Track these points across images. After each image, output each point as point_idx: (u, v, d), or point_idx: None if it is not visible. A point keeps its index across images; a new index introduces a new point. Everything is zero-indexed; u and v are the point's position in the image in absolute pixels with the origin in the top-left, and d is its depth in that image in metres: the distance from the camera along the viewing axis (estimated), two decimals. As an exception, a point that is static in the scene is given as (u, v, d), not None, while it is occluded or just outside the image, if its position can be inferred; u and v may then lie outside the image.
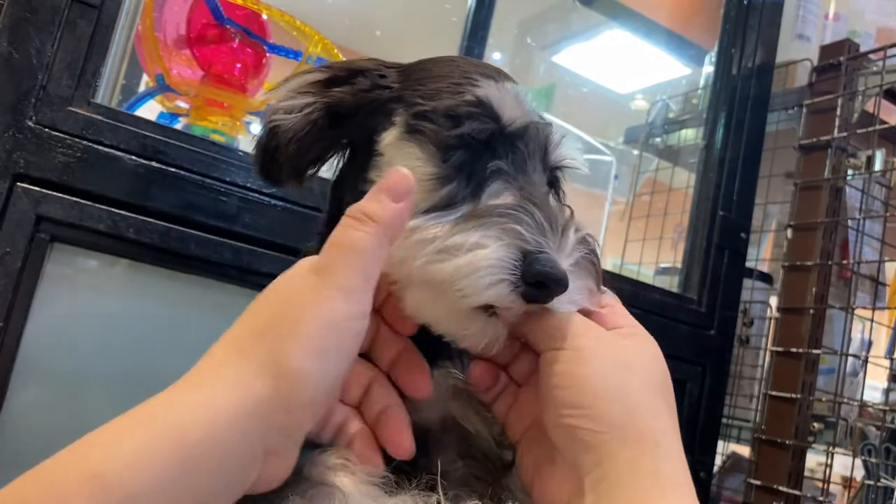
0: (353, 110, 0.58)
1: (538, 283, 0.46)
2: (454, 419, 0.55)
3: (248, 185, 0.87)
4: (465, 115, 0.52)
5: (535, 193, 0.50)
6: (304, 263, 0.47)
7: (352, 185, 0.57)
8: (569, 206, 0.59)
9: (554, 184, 0.59)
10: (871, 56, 1.36)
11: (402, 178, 0.49)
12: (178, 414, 0.40)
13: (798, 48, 1.59)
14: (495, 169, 0.52)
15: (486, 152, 0.52)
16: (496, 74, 0.56)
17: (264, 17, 1.14)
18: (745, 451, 1.48)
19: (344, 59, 1.17)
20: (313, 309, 0.44)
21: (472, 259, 0.46)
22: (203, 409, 0.40)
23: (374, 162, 0.55)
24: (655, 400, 0.48)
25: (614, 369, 0.48)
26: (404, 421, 0.51)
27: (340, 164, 0.62)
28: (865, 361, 1.30)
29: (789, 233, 1.39)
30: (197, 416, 0.40)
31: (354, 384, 0.52)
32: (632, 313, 0.54)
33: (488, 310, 0.47)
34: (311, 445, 0.48)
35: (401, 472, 0.50)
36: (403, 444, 0.50)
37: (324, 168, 0.62)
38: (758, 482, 1.29)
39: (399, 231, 0.48)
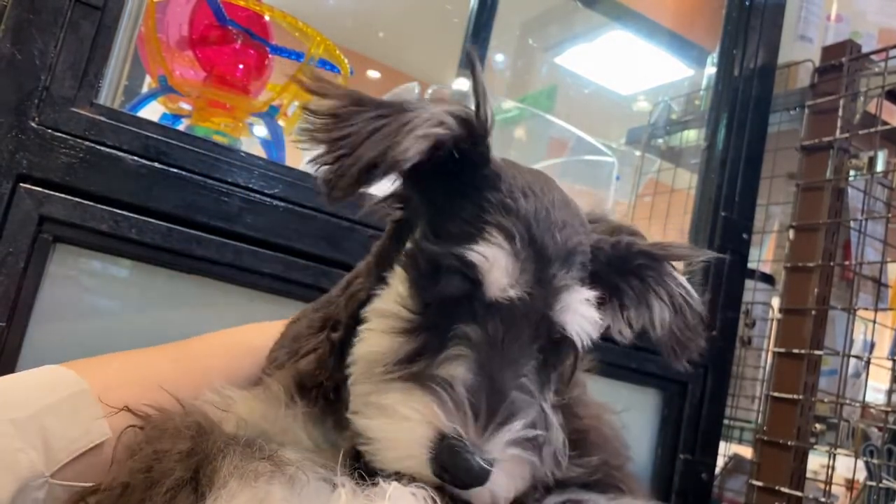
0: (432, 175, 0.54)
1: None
2: None
3: (250, 185, 0.87)
4: (445, 270, 0.51)
5: (494, 372, 0.48)
6: None
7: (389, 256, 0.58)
8: (557, 384, 0.56)
9: (555, 350, 0.54)
10: (873, 57, 1.36)
11: None
12: None
13: (800, 49, 1.59)
14: (461, 333, 0.49)
15: (466, 311, 0.50)
16: (520, 228, 0.51)
17: (266, 18, 1.14)
18: (747, 452, 1.48)
19: (346, 60, 1.18)
20: None
21: (388, 428, 0.46)
22: None
23: (404, 248, 0.56)
24: None
25: None
26: None
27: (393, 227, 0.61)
28: (867, 363, 1.30)
29: (791, 234, 1.39)
30: None
31: None
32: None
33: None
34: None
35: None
36: None
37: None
38: (760, 483, 1.28)
39: None
